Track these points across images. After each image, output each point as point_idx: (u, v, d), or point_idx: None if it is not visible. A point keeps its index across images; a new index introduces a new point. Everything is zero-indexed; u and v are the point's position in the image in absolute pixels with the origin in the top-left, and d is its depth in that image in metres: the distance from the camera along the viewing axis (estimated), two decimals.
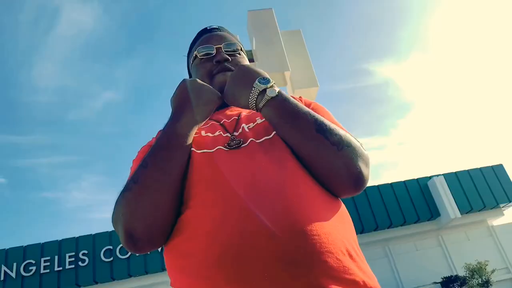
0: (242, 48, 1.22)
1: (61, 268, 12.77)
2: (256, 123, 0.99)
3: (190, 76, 1.26)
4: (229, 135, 0.96)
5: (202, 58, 1.16)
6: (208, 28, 1.23)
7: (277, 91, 0.92)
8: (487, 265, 13.30)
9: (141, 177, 0.85)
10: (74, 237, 13.35)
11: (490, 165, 15.18)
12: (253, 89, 0.92)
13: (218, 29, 1.23)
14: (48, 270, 12.67)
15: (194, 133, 0.95)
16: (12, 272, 12.48)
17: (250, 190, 0.80)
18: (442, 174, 14.57)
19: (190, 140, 0.93)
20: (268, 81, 0.93)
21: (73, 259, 12.91)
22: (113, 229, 0.87)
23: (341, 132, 0.89)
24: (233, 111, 1.11)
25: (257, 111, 0.94)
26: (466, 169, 14.97)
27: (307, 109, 0.91)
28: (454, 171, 14.90)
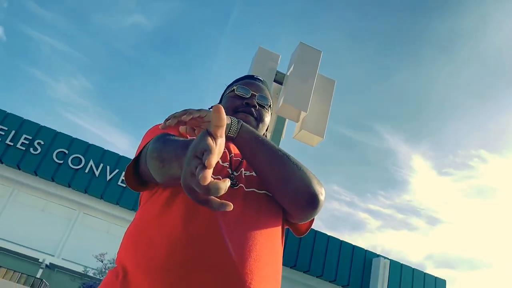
0: (271, 106, 1.38)
1: (12, 144, 12.56)
2: (252, 173, 1.12)
3: (221, 99, 1.42)
4: (230, 172, 1.10)
5: (237, 95, 1.31)
6: (254, 76, 1.41)
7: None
8: None
9: (162, 153, 0.90)
10: (38, 124, 13.13)
11: (436, 275, 15.33)
12: (232, 120, 1.06)
13: (261, 81, 1.40)
14: None
15: None
16: None
17: (224, 232, 0.94)
18: (390, 259, 14.68)
19: None
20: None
21: (27, 142, 12.69)
22: (77, 137, 0.83)
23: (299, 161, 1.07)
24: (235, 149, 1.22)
25: (233, 136, 1.06)
26: (413, 266, 15.10)
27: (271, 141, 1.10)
28: (401, 262, 15.02)
